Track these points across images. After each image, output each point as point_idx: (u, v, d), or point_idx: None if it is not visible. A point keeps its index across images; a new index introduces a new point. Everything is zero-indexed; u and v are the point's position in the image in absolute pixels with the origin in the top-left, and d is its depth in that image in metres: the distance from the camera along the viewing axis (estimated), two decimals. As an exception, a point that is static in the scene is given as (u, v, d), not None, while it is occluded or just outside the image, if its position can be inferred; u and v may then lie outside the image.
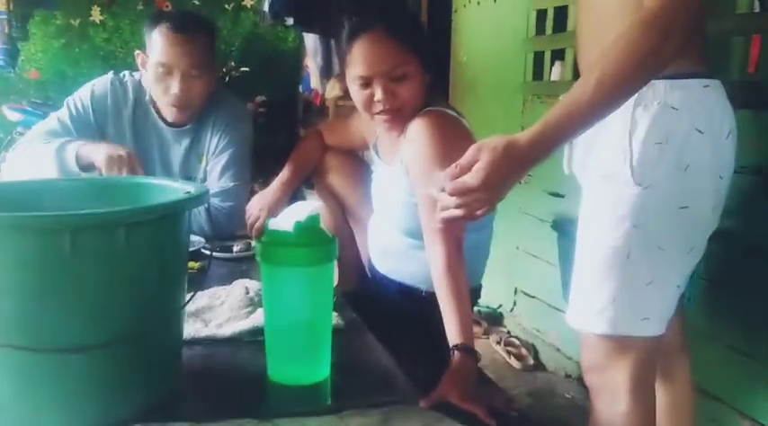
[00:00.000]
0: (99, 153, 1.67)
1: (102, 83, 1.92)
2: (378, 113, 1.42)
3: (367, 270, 1.72)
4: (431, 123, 1.37)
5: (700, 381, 1.66)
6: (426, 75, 1.42)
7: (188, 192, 0.93)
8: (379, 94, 1.39)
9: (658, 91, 1.03)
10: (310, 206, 0.99)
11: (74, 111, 1.88)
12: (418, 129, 1.37)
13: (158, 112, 1.91)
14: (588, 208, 1.14)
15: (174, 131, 1.92)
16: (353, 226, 1.76)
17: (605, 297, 1.09)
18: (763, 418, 1.64)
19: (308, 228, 0.96)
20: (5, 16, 3.86)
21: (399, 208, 1.49)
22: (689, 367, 1.35)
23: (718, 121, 1.06)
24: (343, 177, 1.73)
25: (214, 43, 1.86)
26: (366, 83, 1.39)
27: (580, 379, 2.44)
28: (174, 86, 1.77)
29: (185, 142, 1.93)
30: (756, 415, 1.66)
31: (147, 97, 1.90)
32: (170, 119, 1.88)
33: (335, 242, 1.00)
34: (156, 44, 1.75)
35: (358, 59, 1.38)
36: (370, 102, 1.41)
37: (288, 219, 0.95)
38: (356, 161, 1.81)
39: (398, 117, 1.42)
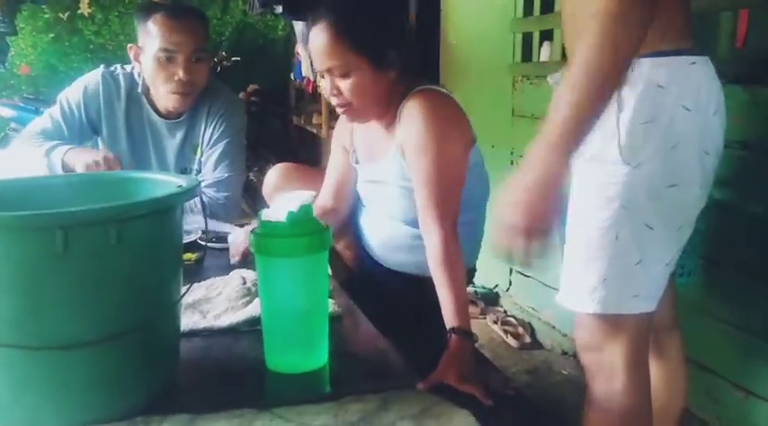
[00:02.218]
0: (79, 161, 1.72)
1: (93, 78, 1.92)
2: (336, 106, 1.42)
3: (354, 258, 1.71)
4: (422, 102, 1.36)
5: (695, 354, 1.68)
6: (384, 72, 1.37)
7: (180, 186, 0.94)
8: (326, 90, 1.40)
9: (643, 69, 1.04)
10: (302, 196, 1.00)
11: (66, 109, 1.89)
12: (410, 110, 1.37)
13: (152, 105, 1.91)
14: (576, 190, 1.15)
15: (168, 124, 1.93)
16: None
17: (595, 278, 1.11)
18: (756, 389, 1.66)
19: (302, 218, 0.97)
20: (-8, 12, 3.85)
21: (397, 197, 1.48)
22: (681, 342, 1.37)
23: (704, 98, 1.06)
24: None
25: (208, 30, 1.89)
26: (323, 75, 1.39)
27: (576, 356, 2.47)
28: (179, 72, 1.77)
29: (179, 134, 1.94)
30: (750, 386, 1.68)
31: (140, 89, 1.89)
32: (171, 107, 1.87)
33: (329, 230, 1.00)
34: (156, 32, 1.75)
35: (311, 52, 1.38)
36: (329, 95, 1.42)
37: (281, 210, 0.96)
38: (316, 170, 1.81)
39: (351, 111, 1.41)
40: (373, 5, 1.38)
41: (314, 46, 1.36)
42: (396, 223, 1.53)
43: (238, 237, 1.53)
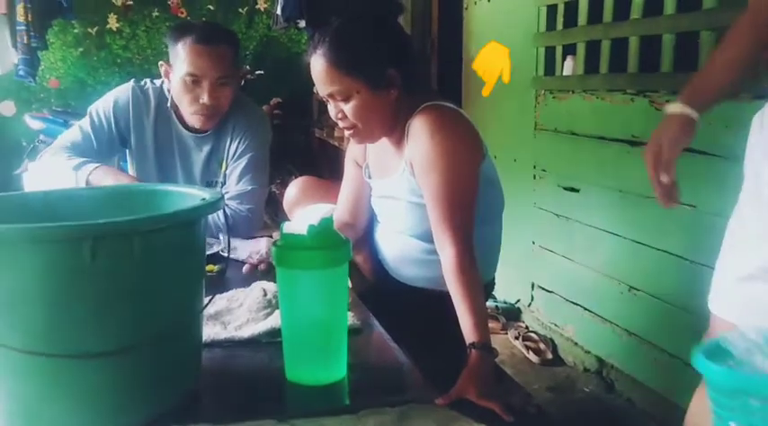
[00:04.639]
0: (105, 183, 1.75)
1: (123, 92, 1.96)
2: (343, 129, 1.44)
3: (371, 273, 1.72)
4: (428, 118, 1.36)
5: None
6: (385, 92, 1.38)
7: (203, 199, 0.95)
8: (332, 114, 1.42)
9: None
10: (323, 209, 1.01)
11: (96, 122, 1.93)
12: (418, 127, 1.37)
13: (180, 119, 1.94)
14: None
15: (196, 137, 1.95)
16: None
17: None
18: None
19: (322, 231, 0.97)
20: (24, 27, 3.93)
21: (407, 213, 1.48)
22: None
23: None
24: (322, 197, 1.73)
25: (238, 53, 1.89)
26: (327, 100, 1.41)
27: (599, 373, 2.45)
28: (204, 96, 1.80)
29: (206, 148, 1.96)
30: None
31: (169, 103, 1.93)
32: (197, 126, 1.91)
33: (349, 243, 1.01)
34: (183, 56, 1.78)
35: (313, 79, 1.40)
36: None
37: (302, 223, 0.97)
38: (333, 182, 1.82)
39: (358, 133, 1.43)
40: (366, 29, 1.39)
41: (313, 73, 1.37)
42: (407, 238, 1.53)
43: (260, 244, 1.55)
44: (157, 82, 1.97)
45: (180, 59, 1.79)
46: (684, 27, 1.99)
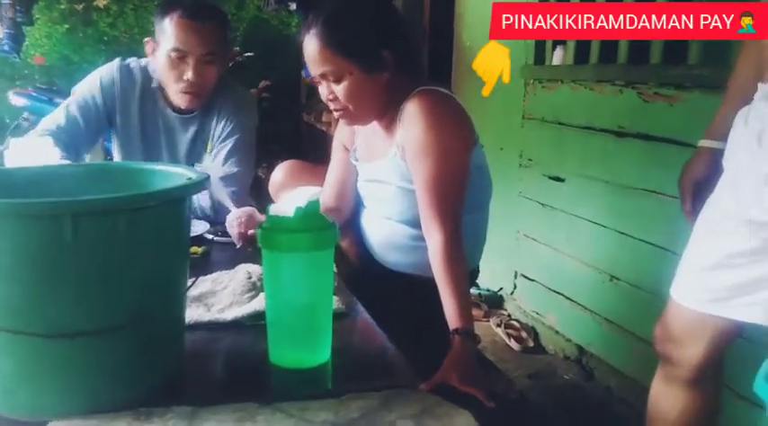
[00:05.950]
0: None
1: (108, 70, 1.93)
2: (334, 111, 1.44)
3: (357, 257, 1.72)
4: (423, 103, 1.36)
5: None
6: (377, 74, 1.37)
7: (189, 178, 0.94)
8: (322, 95, 1.42)
9: None
10: (310, 191, 1.00)
11: (81, 101, 1.90)
12: (411, 111, 1.37)
13: (166, 99, 1.92)
14: None
15: (181, 118, 1.94)
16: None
17: None
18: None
19: (309, 214, 0.97)
20: (9, 1, 3.87)
21: (395, 198, 1.48)
22: None
23: None
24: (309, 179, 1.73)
25: (226, 32, 1.87)
26: (319, 81, 1.41)
27: (578, 361, 2.47)
28: (188, 73, 1.78)
29: (192, 129, 1.95)
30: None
31: (155, 84, 1.91)
32: (182, 106, 1.89)
33: (336, 227, 1.01)
34: (170, 31, 1.75)
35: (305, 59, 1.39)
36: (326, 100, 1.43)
37: (288, 205, 0.97)
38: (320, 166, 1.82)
39: (349, 115, 1.43)
40: (362, 10, 1.38)
41: (306, 53, 1.37)
42: (393, 223, 1.53)
43: (231, 217, 1.53)
44: (143, 61, 1.94)
45: (166, 35, 1.77)
46: (674, 20, 1.99)
